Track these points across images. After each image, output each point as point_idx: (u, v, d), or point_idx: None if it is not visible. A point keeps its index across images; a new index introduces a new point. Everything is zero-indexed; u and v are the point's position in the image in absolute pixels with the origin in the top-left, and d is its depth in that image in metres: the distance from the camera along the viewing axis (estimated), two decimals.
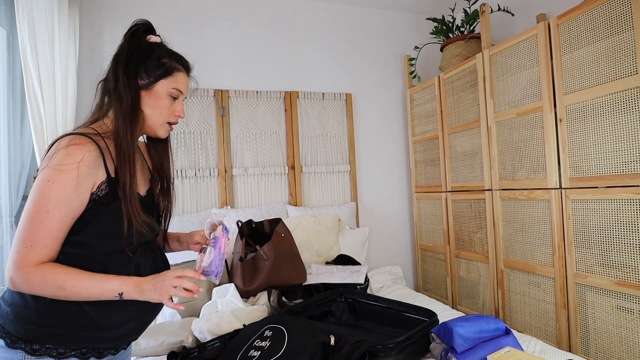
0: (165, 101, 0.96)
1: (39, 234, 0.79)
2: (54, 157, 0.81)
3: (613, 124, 1.53)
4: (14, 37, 1.78)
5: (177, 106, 0.99)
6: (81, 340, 0.86)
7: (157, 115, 0.95)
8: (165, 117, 0.97)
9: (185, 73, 1.00)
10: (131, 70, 0.91)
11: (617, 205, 1.53)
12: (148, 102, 0.94)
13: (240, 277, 1.78)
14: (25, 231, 0.79)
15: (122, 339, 0.94)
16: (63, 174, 0.80)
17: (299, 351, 1.09)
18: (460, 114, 2.40)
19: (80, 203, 0.83)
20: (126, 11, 2.42)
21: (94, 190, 0.85)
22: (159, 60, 0.95)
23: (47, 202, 0.79)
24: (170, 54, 0.98)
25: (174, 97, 0.97)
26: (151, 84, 0.93)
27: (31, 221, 0.79)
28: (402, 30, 3.11)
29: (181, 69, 0.99)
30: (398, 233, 3.05)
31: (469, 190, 2.33)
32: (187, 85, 1.01)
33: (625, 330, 1.52)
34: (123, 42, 0.94)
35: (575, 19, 1.65)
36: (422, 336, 1.26)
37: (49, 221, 0.79)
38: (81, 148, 0.82)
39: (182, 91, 0.99)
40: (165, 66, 0.95)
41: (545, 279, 1.84)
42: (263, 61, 2.70)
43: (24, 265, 0.78)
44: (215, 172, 2.52)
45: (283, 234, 1.90)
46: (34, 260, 0.79)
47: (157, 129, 0.97)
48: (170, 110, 0.97)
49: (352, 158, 2.87)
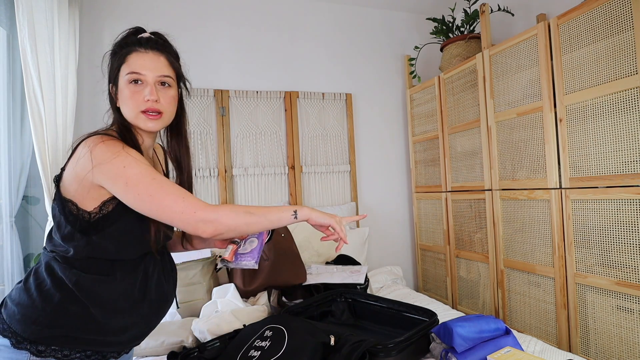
0: (126, 91, 0.87)
1: (174, 187, 0.81)
2: (95, 155, 0.78)
3: (613, 124, 1.53)
4: (14, 37, 1.78)
5: (143, 90, 0.87)
6: (86, 343, 0.85)
7: (126, 109, 0.88)
8: (134, 108, 0.87)
9: (142, 51, 0.87)
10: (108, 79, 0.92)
11: (617, 205, 1.53)
12: (120, 101, 0.89)
13: (240, 277, 1.78)
14: (167, 194, 0.79)
15: (126, 344, 0.93)
16: (123, 155, 0.79)
17: (299, 351, 1.09)
18: (460, 114, 2.40)
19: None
20: (126, 11, 2.42)
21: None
22: (115, 54, 0.89)
23: (145, 174, 0.79)
24: (122, 43, 0.89)
25: (134, 81, 0.86)
26: (115, 83, 0.89)
27: (158, 190, 0.79)
28: (402, 30, 3.11)
29: (135, 49, 0.87)
30: (398, 233, 3.04)
31: (469, 190, 2.33)
32: (149, 62, 0.87)
33: (625, 330, 1.52)
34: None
35: (575, 19, 1.65)
36: (422, 336, 1.26)
37: (164, 181, 0.81)
38: (113, 141, 0.82)
39: (139, 72, 0.86)
40: (117, 55, 0.88)
41: (545, 279, 1.84)
42: (263, 61, 2.70)
43: (204, 207, 0.80)
44: (215, 172, 2.52)
45: (283, 234, 1.90)
46: (202, 201, 0.81)
47: (137, 123, 0.89)
48: (138, 99, 0.86)
49: (352, 158, 2.87)
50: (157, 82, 0.89)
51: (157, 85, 0.89)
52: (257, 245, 1.01)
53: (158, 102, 0.88)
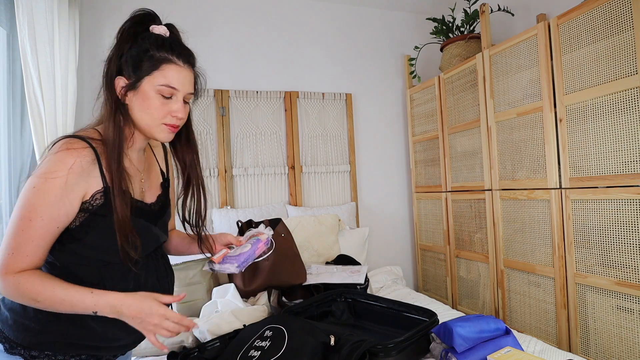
0: (155, 101, 0.82)
1: (22, 242, 0.75)
2: (44, 163, 0.77)
3: (613, 124, 1.53)
4: (14, 37, 1.78)
5: (173, 105, 0.84)
6: (80, 347, 0.85)
7: (147, 117, 0.83)
8: (157, 119, 0.84)
9: (180, 65, 0.84)
10: (112, 70, 0.83)
11: (617, 205, 1.53)
12: (136, 104, 0.83)
13: (240, 277, 1.78)
14: (10, 237, 0.76)
15: (123, 348, 0.93)
16: (49, 182, 0.75)
17: (299, 351, 1.09)
18: (460, 114, 2.40)
19: (66, 213, 0.78)
20: (126, 11, 2.40)
21: (87, 199, 0.80)
22: (145, 53, 0.82)
23: (30, 210, 0.75)
24: (159, 44, 0.83)
25: (165, 96, 0.83)
26: (137, 82, 0.82)
27: (15, 228, 0.75)
28: (402, 30, 3.11)
29: (172, 59, 0.83)
30: (398, 233, 3.04)
31: (469, 190, 2.33)
32: (185, 79, 0.85)
33: (625, 330, 1.52)
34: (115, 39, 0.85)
35: (575, 19, 1.65)
36: (422, 336, 1.26)
37: (32, 230, 0.75)
38: (72, 153, 0.76)
39: (176, 87, 0.83)
40: (151, 59, 0.82)
41: (545, 279, 1.84)
42: (263, 61, 2.70)
43: (5, 273, 0.75)
44: (215, 172, 2.52)
45: (283, 234, 1.90)
46: (14, 268, 0.75)
47: (153, 132, 0.85)
48: (164, 111, 0.84)
49: (352, 158, 2.87)
50: (184, 99, 0.88)
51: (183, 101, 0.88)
52: (247, 251, 0.99)
53: (182, 119, 0.88)
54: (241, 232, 1.93)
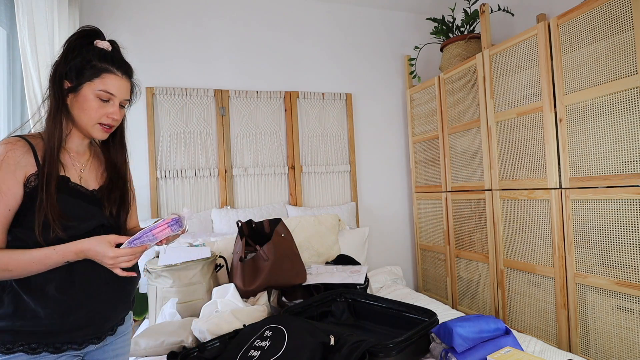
0: (93, 103, 0.95)
1: None
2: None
3: (613, 124, 1.53)
4: (14, 37, 1.78)
5: (110, 108, 0.97)
6: (26, 335, 0.87)
7: (85, 117, 0.95)
8: (93, 119, 0.96)
9: (119, 75, 0.97)
10: (58, 75, 0.94)
11: (617, 205, 1.53)
12: (75, 105, 0.95)
13: (240, 277, 1.78)
14: None
15: (76, 332, 0.93)
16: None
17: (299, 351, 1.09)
18: (460, 114, 2.40)
19: (12, 195, 0.87)
20: (126, 11, 2.42)
21: (25, 182, 0.89)
22: (89, 63, 0.94)
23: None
24: (101, 57, 0.96)
25: (103, 100, 0.96)
26: (77, 87, 0.94)
27: None
28: (402, 30, 3.11)
29: (112, 70, 0.96)
30: (398, 233, 3.04)
31: (469, 190, 2.33)
32: (122, 87, 0.98)
33: (625, 330, 1.52)
34: (62, 48, 0.97)
35: (575, 19, 1.65)
36: (422, 336, 1.26)
37: None
38: (6, 146, 0.88)
39: (113, 93, 0.96)
40: (93, 68, 0.94)
41: (545, 279, 1.84)
42: (263, 61, 2.70)
43: None
44: (215, 172, 2.52)
45: (283, 234, 1.90)
46: None
47: (89, 130, 0.97)
48: (101, 112, 0.96)
49: (352, 158, 2.87)
50: (120, 104, 1.00)
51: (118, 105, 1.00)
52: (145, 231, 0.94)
53: (117, 120, 1.01)
54: (241, 232, 1.93)
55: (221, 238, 2.19)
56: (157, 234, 0.95)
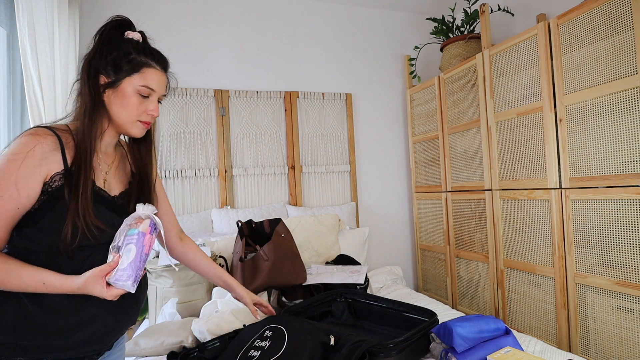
0: (133, 99, 0.90)
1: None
2: (9, 145, 0.80)
3: (613, 124, 1.53)
4: (14, 37, 1.78)
5: (150, 104, 0.93)
6: (26, 349, 0.80)
7: (125, 113, 0.90)
8: (134, 116, 0.91)
9: (158, 69, 0.93)
10: (93, 68, 0.88)
11: (617, 205, 1.53)
12: (114, 101, 0.89)
13: (240, 277, 1.78)
14: None
15: (79, 348, 0.85)
16: (10, 163, 0.78)
17: (299, 351, 1.08)
18: (460, 114, 2.40)
19: (27, 194, 0.79)
20: (126, 11, 2.42)
21: (47, 180, 0.81)
22: (127, 56, 0.89)
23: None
24: (139, 49, 0.90)
25: (143, 95, 0.91)
26: (117, 82, 0.88)
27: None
28: (402, 30, 3.11)
29: (152, 64, 0.92)
30: (398, 233, 3.04)
31: (469, 190, 2.33)
32: (161, 82, 0.94)
33: (625, 330, 1.52)
34: (93, 40, 0.92)
35: (575, 19, 1.65)
36: (422, 336, 1.26)
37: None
38: (35, 138, 0.80)
39: (154, 89, 0.92)
40: (132, 62, 0.89)
41: (545, 279, 1.84)
42: (263, 61, 2.70)
43: None
44: (215, 172, 2.52)
45: (283, 234, 1.90)
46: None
47: (127, 127, 0.92)
48: (141, 109, 0.91)
49: (352, 158, 2.87)
50: (158, 99, 0.97)
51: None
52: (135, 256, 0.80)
53: (156, 117, 0.97)
54: (241, 232, 1.93)
55: (221, 238, 2.19)
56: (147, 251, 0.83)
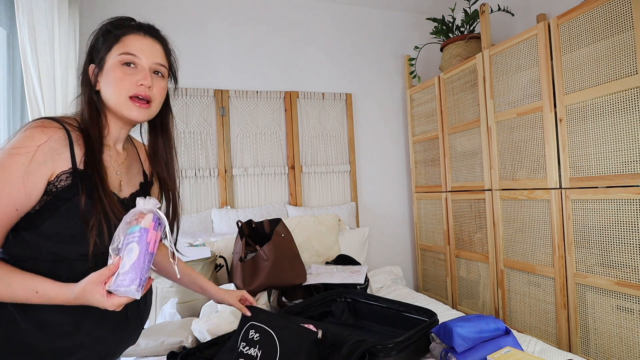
0: (117, 72, 0.79)
1: None
2: (13, 138, 0.71)
3: (613, 124, 1.53)
4: (14, 37, 1.78)
5: (137, 74, 0.80)
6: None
7: (111, 91, 0.79)
8: (122, 91, 0.79)
9: (140, 34, 0.82)
10: (87, 59, 0.83)
11: (617, 205, 1.53)
12: (103, 82, 0.80)
13: (240, 277, 1.78)
14: None
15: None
16: (13, 158, 0.69)
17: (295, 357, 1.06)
18: (460, 114, 2.40)
19: (28, 194, 0.70)
20: (126, 11, 2.40)
21: (52, 179, 0.72)
22: (106, 34, 0.81)
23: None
24: (118, 24, 0.83)
25: (127, 64, 0.80)
26: (101, 62, 0.80)
27: None
28: (402, 30, 3.11)
29: (132, 31, 0.82)
30: (398, 233, 3.04)
31: (469, 190, 2.33)
32: (145, 46, 0.82)
33: (625, 330, 1.52)
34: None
35: (575, 19, 1.65)
36: (422, 336, 1.26)
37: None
38: (44, 131, 0.71)
39: (135, 53, 0.80)
40: (111, 36, 0.81)
41: (545, 279, 1.84)
42: (263, 61, 2.70)
43: None
44: (215, 172, 2.52)
45: (283, 234, 1.90)
46: None
47: (121, 109, 0.80)
48: (128, 82, 0.79)
49: (352, 158, 2.87)
50: (152, 70, 0.83)
51: (151, 73, 0.83)
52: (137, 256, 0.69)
53: (151, 89, 0.82)
54: (241, 232, 1.93)
55: (221, 238, 2.19)
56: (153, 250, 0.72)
